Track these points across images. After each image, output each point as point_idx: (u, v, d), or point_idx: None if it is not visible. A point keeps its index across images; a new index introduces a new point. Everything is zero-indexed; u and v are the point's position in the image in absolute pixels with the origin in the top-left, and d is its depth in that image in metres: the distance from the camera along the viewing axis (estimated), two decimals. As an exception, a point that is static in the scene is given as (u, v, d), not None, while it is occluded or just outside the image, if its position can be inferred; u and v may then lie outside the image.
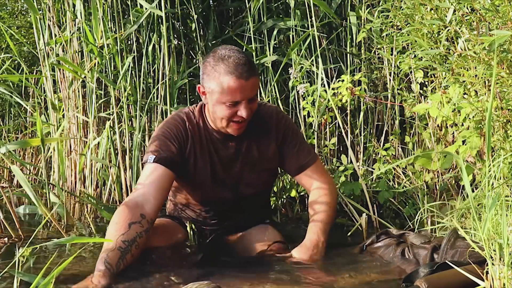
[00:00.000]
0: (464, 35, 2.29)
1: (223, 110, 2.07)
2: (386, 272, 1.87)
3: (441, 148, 2.75)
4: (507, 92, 2.24)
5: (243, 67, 2.03)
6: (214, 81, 2.05)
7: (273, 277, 1.86)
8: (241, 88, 2.02)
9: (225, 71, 2.03)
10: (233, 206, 2.30)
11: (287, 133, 2.29)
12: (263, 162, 2.27)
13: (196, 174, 2.20)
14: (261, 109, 2.27)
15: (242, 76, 2.01)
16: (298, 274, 1.91)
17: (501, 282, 1.42)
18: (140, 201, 1.96)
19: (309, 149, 2.35)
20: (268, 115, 2.28)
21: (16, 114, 4.65)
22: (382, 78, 3.30)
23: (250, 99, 2.08)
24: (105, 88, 3.61)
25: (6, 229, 2.53)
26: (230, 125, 2.12)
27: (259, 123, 2.25)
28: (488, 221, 1.50)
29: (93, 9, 3.17)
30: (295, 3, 3.32)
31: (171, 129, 2.16)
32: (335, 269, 1.96)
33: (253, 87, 2.06)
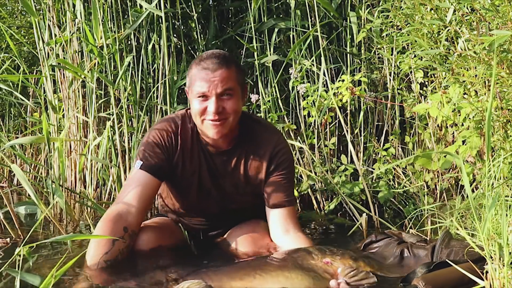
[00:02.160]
0: (464, 35, 2.29)
1: (194, 105, 2.02)
2: (385, 271, 1.86)
3: (441, 148, 2.75)
4: (507, 92, 2.24)
5: (213, 59, 1.99)
6: (188, 77, 2.06)
7: (265, 274, 1.86)
8: (207, 78, 1.97)
9: (195, 65, 2.02)
10: (218, 216, 2.26)
11: (280, 165, 2.15)
12: (247, 186, 2.18)
13: (182, 182, 2.16)
14: (262, 129, 2.18)
15: (208, 66, 1.98)
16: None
17: (500, 282, 1.42)
18: (123, 213, 1.94)
19: (292, 190, 2.23)
20: (267, 142, 2.15)
21: (16, 114, 4.65)
22: (382, 78, 3.30)
23: (222, 94, 1.98)
24: (105, 88, 3.61)
25: (6, 229, 2.52)
26: (205, 124, 2.02)
27: (255, 147, 2.15)
28: (488, 221, 1.50)
29: (93, 9, 3.17)
30: (296, 3, 3.32)
31: (161, 135, 2.10)
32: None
33: (223, 79, 1.97)
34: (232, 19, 3.96)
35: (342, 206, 3.03)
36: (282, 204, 2.13)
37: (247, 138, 2.14)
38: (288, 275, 1.70)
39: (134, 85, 3.40)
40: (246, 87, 2.19)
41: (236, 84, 2.03)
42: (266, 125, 2.25)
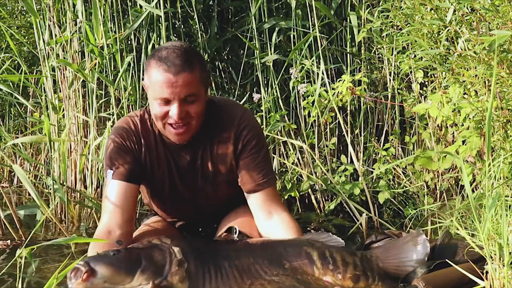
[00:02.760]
0: (464, 35, 2.29)
1: (155, 108, 1.84)
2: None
3: (441, 148, 2.75)
4: (507, 92, 2.24)
5: (175, 59, 1.78)
6: (147, 74, 1.85)
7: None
8: (169, 83, 1.77)
9: (155, 63, 1.81)
10: (194, 216, 2.16)
11: (247, 144, 1.98)
12: (219, 174, 2.02)
13: (154, 183, 2.04)
14: (223, 111, 2.00)
15: (169, 69, 1.77)
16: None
17: (500, 282, 1.42)
18: (112, 228, 1.86)
19: (270, 168, 2.04)
20: (229, 120, 1.98)
21: (16, 114, 4.65)
22: (382, 78, 3.30)
23: (185, 99, 1.81)
24: (106, 88, 3.61)
25: (8, 230, 2.52)
26: (167, 128, 1.88)
27: (218, 129, 1.98)
28: (488, 221, 1.50)
29: (94, 9, 3.17)
30: (296, 3, 3.32)
31: (122, 137, 1.96)
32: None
33: (186, 83, 1.78)
34: (232, 19, 3.96)
35: (342, 206, 3.03)
36: (259, 187, 1.97)
37: (210, 123, 1.97)
38: None
39: (134, 84, 3.40)
40: (209, 83, 2.03)
41: (200, 86, 1.86)
42: (227, 105, 2.05)
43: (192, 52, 1.87)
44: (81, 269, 1.52)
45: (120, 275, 1.55)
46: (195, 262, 1.66)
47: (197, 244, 1.78)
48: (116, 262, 1.57)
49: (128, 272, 1.57)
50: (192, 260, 1.65)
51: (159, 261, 1.63)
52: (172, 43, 1.87)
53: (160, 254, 1.65)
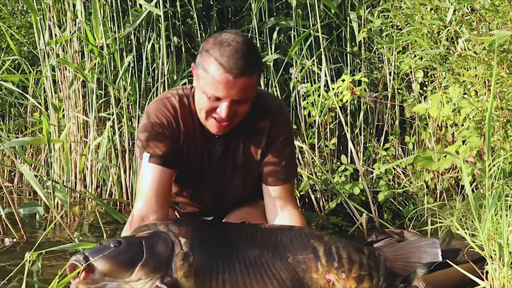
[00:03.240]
0: (464, 35, 2.29)
1: (203, 101, 1.80)
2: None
3: (441, 148, 2.75)
4: (507, 92, 2.24)
5: (238, 62, 1.72)
6: (203, 65, 1.78)
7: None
8: (227, 84, 1.73)
9: (216, 59, 1.74)
10: (213, 206, 2.12)
11: (277, 138, 1.98)
12: (250, 165, 2.01)
13: (184, 168, 1.98)
14: (260, 102, 1.96)
15: (231, 71, 1.72)
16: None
17: (500, 282, 1.42)
18: (145, 216, 1.81)
19: (293, 165, 2.06)
20: (265, 113, 1.96)
21: (16, 114, 4.65)
22: (382, 78, 3.30)
23: (237, 101, 1.77)
24: (105, 88, 3.61)
25: (9, 229, 2.52)
26: (209, 121, 1.84)
27: (253, 121, 1.95)
28: (488, 221, 1.50)
29: (93, 9, 3.18)
30: (297, 3, 3.33)
31: (161, 121, 1.91)
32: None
33: (243, 88, 1.75)
34: (232, 19, 3.97)
35: (342, 206, 3.03)
36: (278, 182, 1.97)
37: (247, 117, 1.92)
38: None
39: (134, 85, 3.40)
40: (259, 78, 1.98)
41: (255, 90, 1.84)
42: (263, 96, 2.02)
43: (254, 53, 1.81)
44: (79, 266, 1.47)
45: (119, 269, 1.50)
46: (202, 256, 1.58)
47: (206, 232, 1.69)
48: (115, 255, 1.51)
49: (127, 266, 1.51)
50: (199, 254, 1.58)
51: (161, 254, 1.55)
52: (235, 37, 1.78)
53: (163, 245, 1.57)
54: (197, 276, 1.55)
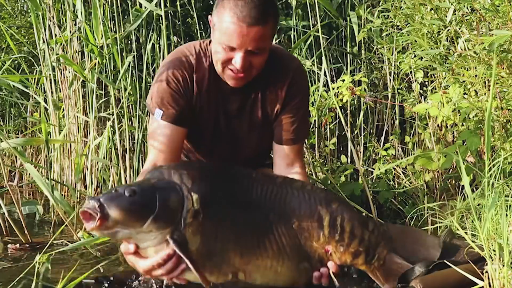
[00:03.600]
0: (464, 35, 2.29)
1: (218, 52, 1.82)
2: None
3: (441, 148, 2.76)
4: (507, 92, 2.24)
5: (251, 10, 1.73)
6: (218, 16, 1.80)
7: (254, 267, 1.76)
8: (240, 33, 1.74)
9: (230, 7, 1.75)
10: (227, 161, 2.09)
11: (293, 99, 2.00)
12: (267, 123, 2.03)
13: (198, 125, 2.01)
14: (279, 60, 1.98)
15: (244, 19, 1.72)
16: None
17: (500, 282, 1.42)
18: (159, 164, 1.84)
19: (305, 126, 2.10)
20: (284, 72, 1.98)
21: (16, 114, 4.65)
22: (382, 78, 3.30)
23: (251, 51, 1.79)
24: (105, 88, 3.61)
25: (13, 229, 2.50)
26: (226, 72, 1.86)
27: (271, 78, 1.97)
28: (488, 221, 1.50)
29: (94, 9, 3.18)
30: (297, 3, 3.33)
31: (177, 79, 1.93)
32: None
33: (256, 37, 1.75)
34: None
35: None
36: (288, 142, 2.01)
37: (264, 71, 1.94)
38: (279, 269, 1.65)
39: (134, 84, 3.40)
40: (276, 31, 1.99)
41: (269, 40, 1.84)
42: (283, 54, 2.05)
43: (269, 2, 1.82)
44: (93, 215, 1.48)
45: (131, 220, 1.51)
46: (211, 215, 1.60)
47: (218, 189, 1.66)
48: (129, 206, 1.51)
49: (140, 218, 1.52)
50: (208, 213, 1.59)
51: (173, 209, 1.56)
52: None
53: (176, 200, 1.57)
54: (204, 235, 1.57)
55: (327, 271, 1.68)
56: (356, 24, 3.24)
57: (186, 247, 1.55)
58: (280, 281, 1.68)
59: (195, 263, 1.54)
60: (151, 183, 1.61)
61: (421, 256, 1.75)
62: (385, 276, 1.73)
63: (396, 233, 1.81)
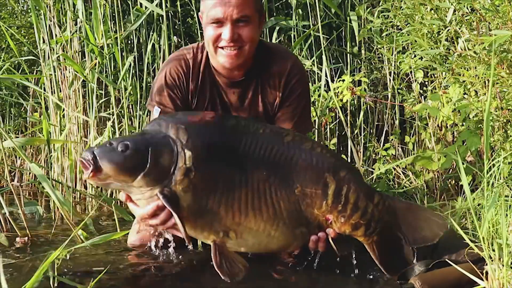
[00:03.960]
0: (464, 35, 2.29)
1: (208, 31, 1.91)
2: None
3: (441, 148, 2.76)
4: (507, 92, 2.24)
5: None
6: (202, 2, 1.95)
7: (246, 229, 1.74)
8: (222, 2, 1.85)
9: None
10: None
11: (292, 93, 2.04)
12: (268, 118, 2.06)
13: None
14: (276, 56, 2.05)
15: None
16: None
17: (500, 282, 1.42)
18: None
19: (307, 120, 2.12)
20: (281, 67, 2.03)
21: (16, 114, 4.65)
22: (382, 78, 3.30)
23: (238, 21, 1.87)
24: (106, 88, 3.61)
25: (13, 228, 2.50)
26: (219, 53, 1.92)
27: (268, 74, 2.03)
28: (488, 221, 1.50)
29: (94, 9, 3.17)
30: (297, 3, 3.33)
31: (174, 79, 2.01)
32: (332, 267, 1.96)
33: (239, 5, 1.85)
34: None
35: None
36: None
37: (261, 66, 2.02)
38: (272, 233, 1.63)
39: (134, 85, 3.40)
40: (264, 16, 2.07)
41: (254, 11, 1.92)
42: (280, 51, 2.12)
43: None
44: (87, 166, 1.54)
45: (122, 175, 1.55)
46: (203, 174, 1.59)
47: (216, 145, 1.64)
48: (120, 161, 1.55)
49: (131, 173, 1.56)
50: (200, 171, 1.59)
51: (165, 165, 1.58)
52: None
53: (168, 157, 1.58)
54: (195, 193, 1.58)
55: (325, 236, 1.67)
56: (356, 24, 3.24)
57: (177, 203, 1.56)
58: (273, 244, 1.66)
59: (182, 218, 1.55)
60: (145, 137, 1.61)
61: (423, 234, 1.73)
62: (381, 251, 1.72)
63: (401, 208, 1.78)
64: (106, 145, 1.60)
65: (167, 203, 1.54)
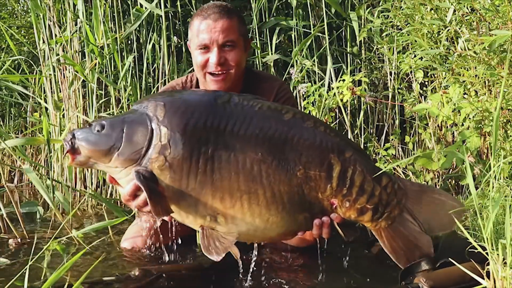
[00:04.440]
0: (464, 35, 2.29)
1: (196, 57, 2.00)
2: (386, 268, 1.86)
3: (441, 148, 2.76)
4: (507, 92, 2.25)
5: (214, 8, 1.98)
6: (190, 29, 2.04)
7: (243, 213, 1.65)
8: (208, 28, 1.95)
9: (196, 17, 2.01)
10: None
11: None
12: None
13: None
14: (262, 81, 2.14)
15: (209, 16, 1.96)
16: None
17: (502, 282, 1.43)
18: None
19: None
20: (269, 91, 2.10)
21: (16, 114, 4.65)
22: (382, 78, 3.31)
23: (224, 45, 1.97)
24: (106, 88, 3.61)
25: (10, 229, 2.51)
26: (207, 78, 2.00)
27: (258, 95, 2.07)
28: (491, 221, 1.50)
29: (94, 9, 3.18)
30: (297, 3, 3.33)
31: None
32: (336, 266, 1.96)
33: (224, 29, 1.95)
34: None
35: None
36: None
37: (250, 89, 2.04)
38: (271, 219, 1.52)
39: (134, 85, 3.40)
40: (249, 40, 2.13)
41: (238, 35, 2.00)
42: (267, 76, 2.22)
43: (232, 7, 2.06)
44: (66, 147, 1.55)
45: (98, 155, 1.54)
46: (180, 151, 1.49)
47: (197, 120, 1.53)
48: (96, 141, 1.54)
49: (106, 153, 1.53)
50: (177, 148, 1.50)
51: (139, 144, 1.52)
52: (214, 2, 2.05)
53: (143, 135, 1.52)
54: (173, 172, 1.49)
55: (329, 221, 1.57)
56: (356, 24, 3.25)
57: (155, 182, 1.50)
58: (271, 231, 1.55)
59: (163, 197, 1.49)
60: (122, 117, 1.59)
61: (439, 220, 1.60)
62: (390, 238, 1.60)
63: (413, 191, 1.64)
64: (86, 126, 1.60)
65: (139, 180, 1.47)
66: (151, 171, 1.50)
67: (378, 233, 1.62)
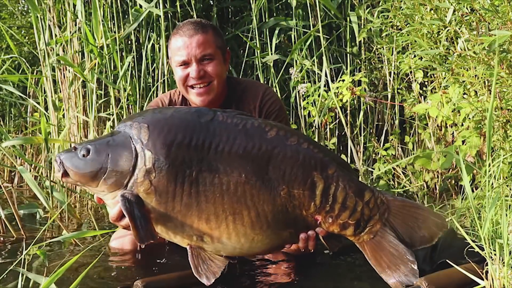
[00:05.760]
0: (464, 35, 2.29)
1: (177, 73, 2.06)
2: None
3: (441, 148, 2.76)
4: (507, 92, 2.24)
5: (189, 25, 2.04)
6: (169, 48, 2.10)
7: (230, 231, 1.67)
8: (184, 45, 2.02)
9: (173, 35, 2.07)
10: None
11: (270, 115, 2.12)
12: None
13: None
14: (247, 87, 2.18)
15: (184, 33, 2.03)
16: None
17: (501, 282, 1.42)
18: None
19: None
20: (254, 95, 2.15)
21: (16, 114, 4.65)
22: (382, 78, 3.30)
23: (202, 59, 2.03)
24: (105, 88, 3.61)
25: (8, 229, 2.52)
26: (190, 92, 2.06)
27: (242, 103, 2.14)
28: (488, 221, 1.50)
29: (94, 9, 3.18)
30: (297, 3, 3.33)
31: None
32: (336, 266, 1.96)
33: (200, 44, 2.02)
34: (232, 19, 3.97)
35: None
36: None
37: (234, 100, 2.13)
38: (256, 238, 1.56)
39: (134, 85, 3.41)
40: (228, 51, 2.15)
41: (215, 48, 2.06)
42: (250, 82, 2.26)
43: (206, 21, 2.12)
44: (57, 170, 1.59)
45: (85, 180, 1.57)
46: (165, 174, 1.52)
47: (181, 144, 1.55)
48: (82, 166, 1.57)
49: (92, 179, 1.56)
50: (163, 171, 1.53)
51: (124, 168, 1.54)
52: (189, 19, 2.12)
53: (127, 159, 1.55)
54: (159, 195, 1.53)
55: (314, 234, 1.61)
56: (356, 24, 3.24)
57: (141, 205, 1.53)
58: (257, 248, 1.60)
59: (150, 220, 1.54)
60: (106, 139, 1.60)
61: (421, 234, 1.64)
62: (372, 251, 1.64)
63: (396, 206, 1.67)
64: (71, 150, 1.60)
65: (124, 207, 1.52)
66: (137, 195, 1.54)
67: (361, 246, 1.66)
